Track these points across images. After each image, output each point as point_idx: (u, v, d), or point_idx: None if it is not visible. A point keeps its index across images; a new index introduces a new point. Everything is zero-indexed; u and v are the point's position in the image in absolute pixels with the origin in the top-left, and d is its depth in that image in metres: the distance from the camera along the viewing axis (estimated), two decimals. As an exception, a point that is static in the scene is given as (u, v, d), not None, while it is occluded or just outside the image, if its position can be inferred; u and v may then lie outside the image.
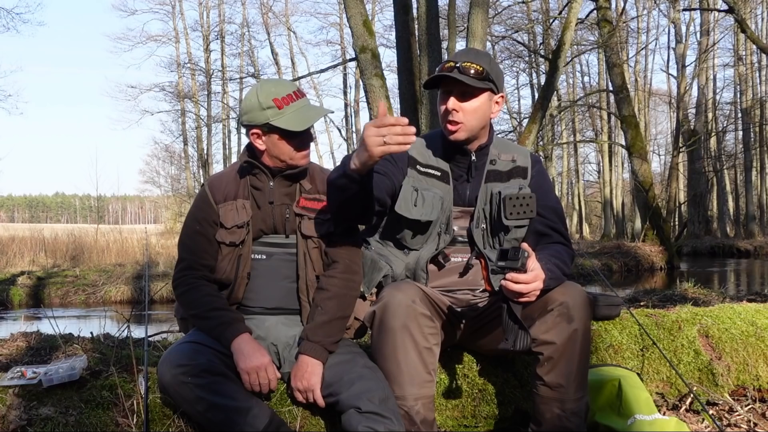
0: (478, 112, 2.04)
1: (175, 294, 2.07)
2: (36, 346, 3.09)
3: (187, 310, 2.04)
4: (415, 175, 2.09)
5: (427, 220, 2.04)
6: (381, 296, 1.91)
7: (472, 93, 2.02)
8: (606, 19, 15.78)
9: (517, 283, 1.74)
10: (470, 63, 2.00)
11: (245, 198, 2.05)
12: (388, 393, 1.81)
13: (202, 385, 1.79)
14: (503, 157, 2.16)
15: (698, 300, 4.40)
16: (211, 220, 2.04)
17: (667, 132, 33.93)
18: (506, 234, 2.10)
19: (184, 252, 2.07)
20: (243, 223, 2.01)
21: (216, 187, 2.07)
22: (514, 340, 1.80)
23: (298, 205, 2.06)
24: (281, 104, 1.97)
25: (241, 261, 2.02)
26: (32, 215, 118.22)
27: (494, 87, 2.04)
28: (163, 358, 1.87)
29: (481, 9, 8.16)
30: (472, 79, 1.98)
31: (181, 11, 36.15)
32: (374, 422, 1.74)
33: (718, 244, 21.40)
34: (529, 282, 1.75)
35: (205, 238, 2.03)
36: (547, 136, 25.12)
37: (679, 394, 2.51)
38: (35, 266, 12.21)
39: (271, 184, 2.06)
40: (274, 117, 1.97)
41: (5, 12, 21.78)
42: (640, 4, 26.28)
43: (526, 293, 1.76)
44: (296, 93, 2.01)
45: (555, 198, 2.20)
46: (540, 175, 2.19)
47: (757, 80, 27.45)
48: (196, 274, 2.03)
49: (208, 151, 28.85)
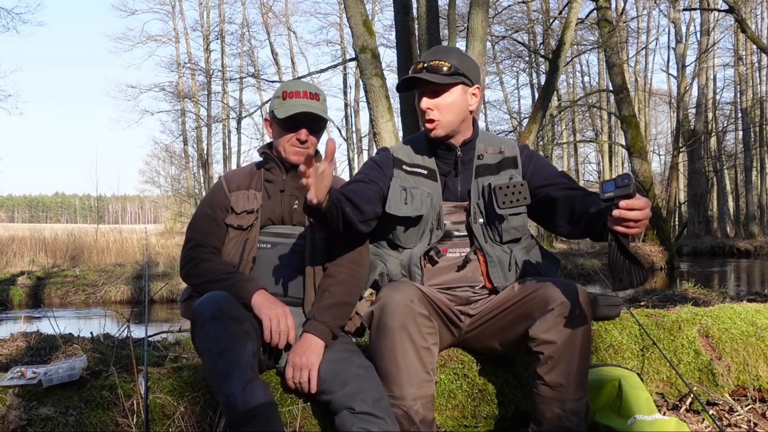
0: (453, 107, 2.08)
1: (184, 271, 2.09)
2: (36, 346, 3.10)
3: (200, 278, 2.04)
4: (401, 175, 2.13)
5: (417, 215, 2.07)
6: (379, 296, 1.92)
7: (444, 89, 2.06)
8: (606, 19, 15.79)
9: (632, 210, 1.62)
10: (438, 61, 2.05)
11: (257, 189, 2.15)
12: (383, 393, 1.81)
13: (232, 330, 1.79)
14: (490, 150, 2.19)
15: (698, 300, 4.41)
16: (222, 205, 2.13)
17: (667, 132, 33.97)
18: (502, 224, 2.11)
19: (192, 233, 2.13)
20: (252, 209, 2.10)
21: (231, 179, 2.19)
22: (630, 278, 1.68)
23: None
24: (286, 96, 2.11)
25: (247, 245, 2.08)
26: (32, 215, 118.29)
27: (467, 80, 2.08)
28: (205, 297, 1.86)
29: (481, 9, 8.16)
30: (441, 77, 2.04)
31: (181, 11, 36.24)
32: (368, 423, 1.73)
33: (718, 244, 21.40)
34: (643, 208, 1.63)
35: (214, 222, 2.12)
36: (547, 136, 25.11)
37: (679, 394, 2.51)
38: (35, 266, 12.21)
39: (284, 177, 2.16)
40: (277, 105, 2.12)
41: (5, 12, 21.83)
42: (640, 4, 26.30)
43: (643, 219, 1.64)
44: (308, 93, 2.12)
45: (556, 168, 2.21)
46: (532, 158, 2.20)
47: (757, 80, 27.46)
48: (206, 250, 2.08)
49: (208, 151, 28.85)
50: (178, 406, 1.94)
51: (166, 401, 1.94)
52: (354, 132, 30.16)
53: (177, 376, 2.06)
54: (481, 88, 2.16)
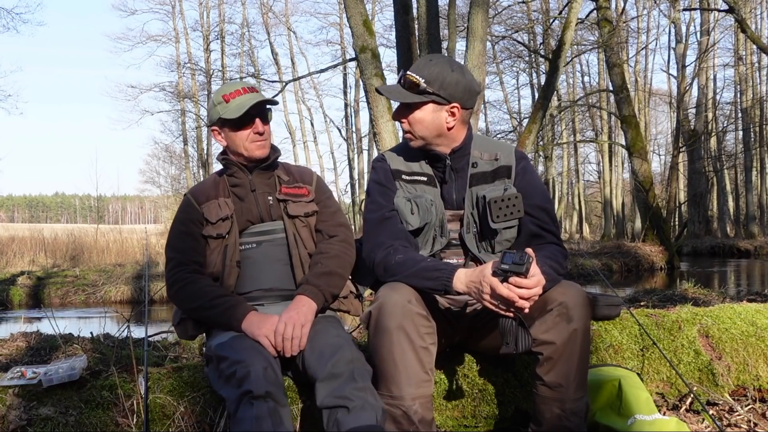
0: (423, 123, 2.05)
1: (171, 293, 2.08)
2: (36, 346, 3.10)
3: (187, 304, 2.04)
4: (403, 185, 2.12)
5: (424, 224, 2.06)
6: (377, 297, 1.92)
7: (415, 105, 2.04)
8: (606, 19, 15.80)
9: (520, 288, 1.74)
10: (411, 75, 2.03)
11: (226, 196, 2.16)
12: (356, 355, 1.82)
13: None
14: (485, 156, 2.14)
15: (698, 300, 4.41)
16: (196, 219, 2.13)
17: (667, 132, 33.99)
18: (495, 237, 2.09)
19: (171, 252, 2.12)
20: (227, 216, 2.10)
21: (197, 192, 2.18)
22: (515, 342, 1.80)
23: (281, 192, 2.18)
24: (228, 98, 2.11)
25: (228, 250, 2.08)
26: (32, 215, 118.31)
27: (439, 98, 2.02)
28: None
29: (481, 9, 8.16)
30: (408, 94, 2.03)
31: (181, 11, 36.23)
32: (344, 384, 1.73)
33: (718, 244, 21.41)
34: (531, 287, 1.75)
35: (191, 237, 2.11)
36: (547, 136, 25.13)
37: (679, 394, 2.51)
38: (35, 266, 12.21)
39: (250, 177, 2.18)
40: (222, 110, 2.12)
41: (5, 12, 21.85)
42: (640, 4, 26.31)
43: (527, 298, 1.76)
44: (246, 89, 2.13)
45: (543, 195, 2.15)
46: (525, 173, 2.14)
47: (757, 80, 27.47)
48: (188, 269, 2.07)
49: (208, 151, 28.82)
50: (178, 406, 1.94)
51: (166, 401, 1.94)
52: (354, 132, 30.15)
53: (177, 376, 2.06)
54: (464, 107, 2.05)
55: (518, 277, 1.74)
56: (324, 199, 2.25)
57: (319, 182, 2.28)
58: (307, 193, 2.21)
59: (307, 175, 2.27)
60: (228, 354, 1.84)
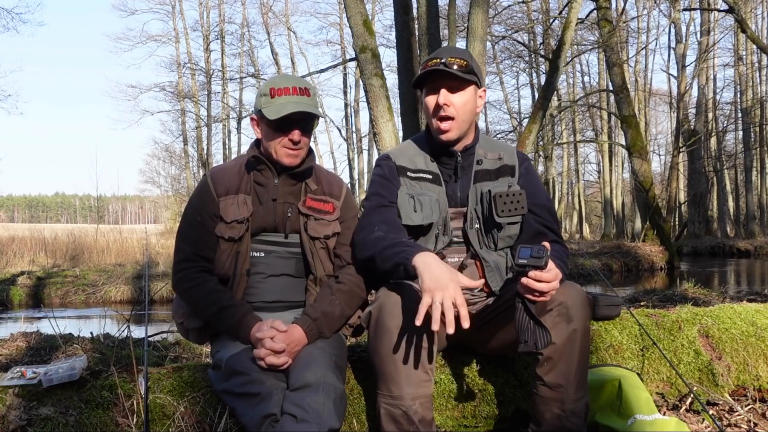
0: (467, 106, 2.07)
1: (178, 290, 2.05)
2: (36, 346, 3.10)
3: (194, 306, 2.02)
4: (407, 182, 2.12)
5: (429, 223, 2.06)
6: (377, 296, 1.92)
7: (459, 87, 2.06)
8: (606, 19, 15.78)
9: (540, 282, 1.73)
10: (454, 58, 2.04)
11: (247, 193, 2.03)
12: (329, 372, 1.79)
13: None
14: (489, 155, 2.18)
15: (698, 300, 4.41)
16: (211, 212, 2.02)
17: (667, 132, 33.96)
18: (499, 231, 2.11)
19: (183, 243, 2.05)
20: (243, 219, 2.00)
21: (218, 180, 2.04)
22: (535, 340, 1.78)
23: (305, 204, 2.06)
24: (274, 94, 1.97)
25: (240, 258, 2.01)
26: (32, 215, 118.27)
27: (478, 80, 2.09)
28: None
29: (481, 9, 8.16)
30: (461, 73, 2.02)
31: (181, 11, 36.24)
32: (306, 394, 1.71)
33: (718, 244, 21.39)
34: (550, 281, 1.74)
35: (205, 229, 2.02)
36: (547, 136, 25.12)
37: (679, 394, 2.51)
38: (35, 266, 12.20)
39: (276, 182, 2.05)
40: (265, 104, 1.98)
41: (5, 12, 21.84)
42: (640, 4, 26.29)
43: (548, 292, 1.75)
44: (297, 89, 1.98)
45: (545, 195, 2.20)
46: (528, 173, 2.19)
47: (757, 80, 27.47)
48: (197, 267, 2.01)
49: (208, 151, 28.85)
50: (178, 406, 1.94)
51: (166, 401, 1.94)
52: (354, 132, 30.16)
53: (177, 376, 2.06)
54: (486, 92, 2.17)
55: (538, 270, 1.72)
56: (348, 219, 2.11)
57: (347, 198, 2.15)
58: (333, 210, 2.08)
59: (336, 188, 2.13)
60: (242, 369, 1.82)
